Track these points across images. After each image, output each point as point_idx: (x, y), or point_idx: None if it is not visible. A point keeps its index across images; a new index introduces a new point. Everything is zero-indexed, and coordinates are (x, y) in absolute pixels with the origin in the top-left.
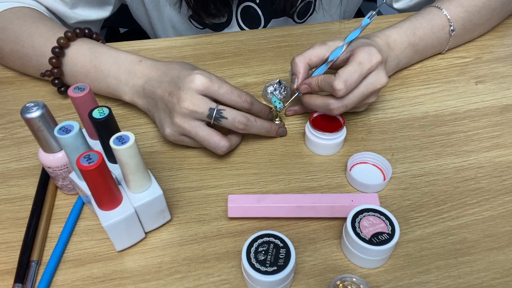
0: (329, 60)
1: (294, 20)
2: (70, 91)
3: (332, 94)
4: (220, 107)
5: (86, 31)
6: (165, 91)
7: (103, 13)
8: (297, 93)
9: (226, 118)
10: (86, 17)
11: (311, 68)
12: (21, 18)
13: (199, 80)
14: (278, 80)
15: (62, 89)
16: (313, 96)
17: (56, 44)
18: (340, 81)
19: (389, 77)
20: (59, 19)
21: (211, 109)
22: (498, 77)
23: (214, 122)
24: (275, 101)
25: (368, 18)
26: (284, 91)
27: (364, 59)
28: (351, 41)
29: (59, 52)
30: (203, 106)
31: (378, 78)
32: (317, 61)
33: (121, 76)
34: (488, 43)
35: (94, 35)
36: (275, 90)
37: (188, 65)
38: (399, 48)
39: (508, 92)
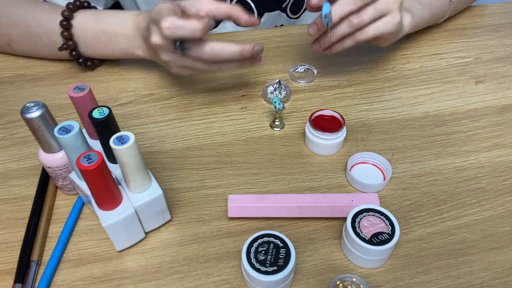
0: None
1: (287, 15)
2: (70, 91)
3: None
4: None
5: (85, 4)
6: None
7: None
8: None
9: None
10: None
11: None
12: (20, 2)
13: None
14: (278, 80)
15: (80, 60)
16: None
17: (61, 18)
18: None
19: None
20: None
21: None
22: (498, 77)
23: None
24: (275, 101)
25: None
26: (284, 91)
27: None
28: None
29: (67, 24)
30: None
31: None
32: None
33: (128, 33)
34: (488, 43)
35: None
36: (275, 90)
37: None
38: (406, 2)
39: (508, 92)
